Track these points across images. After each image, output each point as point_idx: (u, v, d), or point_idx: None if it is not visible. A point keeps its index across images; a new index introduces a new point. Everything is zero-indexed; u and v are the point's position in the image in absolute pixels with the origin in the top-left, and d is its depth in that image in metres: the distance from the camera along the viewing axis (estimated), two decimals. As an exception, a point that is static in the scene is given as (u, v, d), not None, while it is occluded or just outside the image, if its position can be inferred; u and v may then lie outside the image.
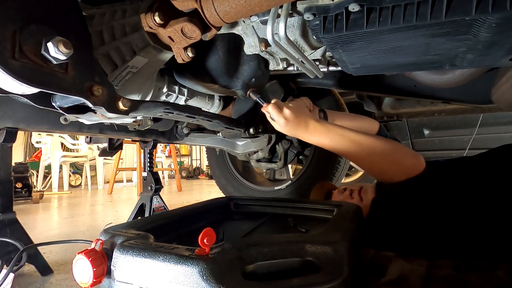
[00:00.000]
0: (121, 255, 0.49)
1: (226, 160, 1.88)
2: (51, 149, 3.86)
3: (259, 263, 0.46)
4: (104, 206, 2.78)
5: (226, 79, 0.83)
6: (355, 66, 0.74)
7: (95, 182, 4.48)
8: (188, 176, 6.80)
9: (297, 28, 0.68)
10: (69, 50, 0.45)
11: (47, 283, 0.93)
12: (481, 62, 0.66)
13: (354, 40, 0.59)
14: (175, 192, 3.85)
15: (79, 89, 0.51)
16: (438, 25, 0.50)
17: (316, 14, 0.56)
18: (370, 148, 0.80)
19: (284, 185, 1.67)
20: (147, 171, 1.35)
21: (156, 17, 0.55)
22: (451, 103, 1.04)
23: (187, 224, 0.78)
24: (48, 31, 0.46)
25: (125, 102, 0.57)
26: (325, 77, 1.11)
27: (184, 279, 0.42)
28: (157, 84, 0.86)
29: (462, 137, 2.19)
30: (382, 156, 0.79)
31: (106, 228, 0.62)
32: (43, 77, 0.45)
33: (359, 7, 0.52)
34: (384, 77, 1.09)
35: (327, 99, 1.49)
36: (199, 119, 0.80)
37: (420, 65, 0.72)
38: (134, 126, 1.02)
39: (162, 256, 0.45)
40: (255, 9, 0.50)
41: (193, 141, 1.45)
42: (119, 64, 0.62)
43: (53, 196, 3.57)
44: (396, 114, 1.55)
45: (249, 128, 1.05)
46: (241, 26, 0.70)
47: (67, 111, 0.59)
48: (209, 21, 0.54)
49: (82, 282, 0.51)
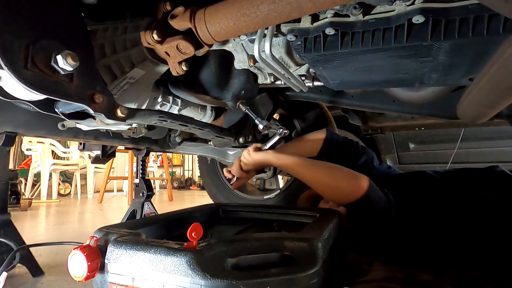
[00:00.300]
0: (115, 249, 0.53)
1: (217, 169, 1.92)
2: (41, 156, 3.83)
3: (242, 257, 0.51)
4: (94, 214, 2.77)
5: (217, 91, 0.89)
6: (335, 82, 0.82)
7: (85, 191, 4.43)
8: (179, 186, 6.76)
9: (282, 47, 0.75)
10: (76, 62, 0.50)
11: (38, 283, 0.94)
12: (446, 81, 0.74)
13: (332, 59, 0.66)
14: (166, 201, 3.84)
15: (82, 96, 0.56)
16: (402, 48, 0.58)
17: (298, 36, 0.63)
18: (311, 175, 0.89)
19: (273, 195, 1.72)
20: (139, 178, 1.38)
21: (154, 35, 0.61)
22: (428, 117, 1.12)
23: (177, 227, 0.82)
24: (57, 45, 0.51)
25: (123, 110, 0.62)
26: (312, 91, 1.19)
27: (173, 268, 0.46)
28: (153, 94, 0.91)
29: (446, 151, 2.28)
30: (322, 183, 0.87)
31: (100, 227, 0.66)
32: (51, 85, 0.50)
33: (334, 31, 0.59)
34: (366, 92, 1.17)
35: (314, 111, 1.57)
36: (191, 127, 0.85)
37: (393, 83, 0.79)
38: (128, 134, 1.07)
39: (153, 249, 0.50)
40: (243, 30, 0.56)
41: (186, 149, 1.50)
42: (118, 75, 0.68)
43: (41, 204, 3.52)
44: (379, 127, 1.63)
45: (239, 138, 1.11)
46: (232, 44, 0.76)
47: (68, 116, 0.64)
48: (202, 39, 0.61)
49: (76, 276, 0.55)
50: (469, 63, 0.61)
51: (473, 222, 0.79)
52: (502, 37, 0.48)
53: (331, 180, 0.85)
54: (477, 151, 2.20)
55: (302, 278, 0.47)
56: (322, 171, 0.88)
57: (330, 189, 0.86)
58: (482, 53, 0.55)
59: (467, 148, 2.17)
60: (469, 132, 2.07)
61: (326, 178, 0.86)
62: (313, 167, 0.90)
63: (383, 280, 0.69)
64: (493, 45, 0.51)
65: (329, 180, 0.85)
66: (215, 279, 0.44)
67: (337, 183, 0.84)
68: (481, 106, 0.64)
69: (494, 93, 0.56)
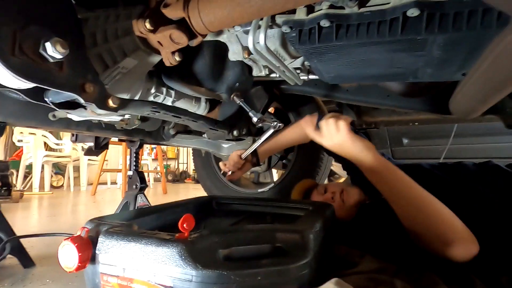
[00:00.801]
0: (106, 240, 0.53)
1: (211, 162, 1.92)
2: (33, 148, 3.78)
3: (234, 248, 0.51)
4: (87, 206, 2.75)
5: (211, 83, 0.88)
6: (330, 75, 0.81)
7: (78, 184, 4.40)
8: (174, 179, 6.75)
9: (277, 39, 0.74)
10: (65, 50, 0.49)
11: (29, 274, 0.94)
12: (439, 76, 0.74)
13: (326, 51, 0.65)
14: (160, 194, 3.83)
15: (72, 86, 0.55)
16: (396, 41, 0.57)
17: (293, 27, 0.63)
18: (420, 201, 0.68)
19: (267, 188, 1.73)
20: (132, 170, 1.37)
21: (147, 24, 0.60)
22: (421, 112, 1.13)
23: (169, 218, 0.81)
24: (46, 32, 0.50)
25: (114, 100, 0.62)
26: (307, 84, 1.18)
27: (165, 259, 0.46)
28: (146, 85, 0.90)
29: (438, 147, 2.31)
30: (427, 217, 0.67)
31: (91, 218, 0.65)
32: (39, 73, 0.49)
33: (329, 23, 0.58)
34: (361, 87, 1.17)
35: (310, 106, 1.57)
36: (184, 119, 0.85)
37: (387, 77, 0.79)
38: (121, 125, 1.06)
39: (144, 240, 0.50)
40: (237, 20, 0.55)
41: (180, 142, 1.49)
42: (110, 64, 0.67)
43: (33, 196, 3.49)
44: (373, 122, 1.64)
45: (233, 130, 1.11)
46: (226, 35, 0.75)
47: (58, 106, 0.63)
48: (195, 29, 0.60)
49: (67, 267, 0.55)
50: (462, 58, 0.61)
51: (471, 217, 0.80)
52: (495, 32, 0.48)
53: (446, 228, 0.65)
54: (469, 147, 2.23)
55: (293, 269, 0.47)
56: (432, 208, 0.67)
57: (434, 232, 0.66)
58: (475, 48, 0.56)
59: (459, 144, 2.20)
60: (461, 128, 2.10)
61: (432, 219, 0.66)
62: (417, 192, 0.69)
63: (373, 272, 0.70)
64: (486, 40, 0.51)
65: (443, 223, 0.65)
66: (206, 269, 0.44)
67: (451, 236, 0.64)
68: (473, 100, 0.65)
69: (486, 88, 0.56)
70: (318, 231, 0.58)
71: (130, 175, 1.38)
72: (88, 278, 0.57)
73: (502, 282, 0.66)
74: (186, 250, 0.46)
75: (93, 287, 0.56)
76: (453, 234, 0.64)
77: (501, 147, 2.09)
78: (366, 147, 0.77)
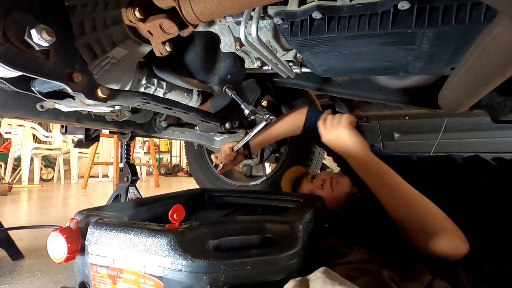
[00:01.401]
0: (95, 231, 0.53)
1: (204, 155, 1.92)
2: (21, 140, 3.70)
3: (223, 238, 0.51)
4: (78, 199, 2.73)
5: (203, 74, 0.88)
6: (322, 68, 0.82)
7: (68, 177, 4.34)
8: (166, 173, 6.72)
9: (269, 30, 0.74)
10: (52, 37, 0.48)
11: (18, 267, 0.93)
12: (429, 70, 0.75)
13: (318, 44, 0.65)
14: (153, 187, 3.82)
15: (59, 75, 0.54)
16: (387, 35, 0.58)
17: (285, 19, 0.62)
18: (412, 200, 0.69)
19: (260, 181, 1.74)
20: (123, 162, 1.36)
21: (136, 12, 0.59)
22: (412, 107, 1.14)
23: (160, 211, 0.81)
24: (32, 19, 0.49)
25: (103, 90, 0.61)
26: (300, 78, 1.18)
27: (155, 249, 0.46)
28: (136, 76, 0.89)
29: (428, 141, 2.35)
30: (416, 215, 0.68)
31: (81, 210, 0.65)
32: (25, 61, 0.48)
33: (321, 15, 0.58)
34: (353, 80, 1.17)
35: (302, 99, 1.57)
36: (176, 111, 0.84)
37: (378, 70, 0.80)
38: (112, 117, 1.04)
39: (134, 230, 0.50)
40: (228, 11, 0.55)
41: (172, 135, 1.48)
42: (99, 54, 0.65)
43: (22, 189, 3.43)
44: (365, 116, 1.65)
45: (225, 123, 1.11)
46: (218, 25, 0.75)
47: (45, 96, 0.62)
48: (186, 19, 0.59)
49: (56, 258, 0.54)
50: (451, 52, 0.62)
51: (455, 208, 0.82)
52: (482, 26, 0.48)
53: (437, 222, 0.66)
54: (458, 141, 2.28)
55: (281, 259, 0.48)
56: (430, 204, 0.68)
57: (423, 228, 0.66)
58: (463, 42, 0.56)
59: (449, 138, 2.24)
60: (451, 123, 2.14)
61: (430, 214, 0.67)
62: (407, 190, 0.71)
63: (362, 262, 0.72)
64: (474, 34, 0.51)
65: (432, 219, 0.66)
66: (196, 259, 0.44)
67: (440, 232, 0.64)
68: (460, 95, 0.66)
69: (473, 82, 0.57)
70: (308, 222, 0.59)
71: (121, 167, 1.37)
72: (77, 269, 0.57)
73: (485, 272, 0.68)
74: (176, 240, 0.46)
75: (83, 278, 0.56)
76: (439, 228, 0.65)
77: (489, 142, 2.14)
78: (361, 143, 0.80)
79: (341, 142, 0.82)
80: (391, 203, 0.73)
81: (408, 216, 0.69)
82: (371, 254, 0.77)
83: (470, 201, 0.81)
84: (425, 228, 0.66)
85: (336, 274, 0.47)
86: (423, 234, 0.66)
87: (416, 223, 0.68)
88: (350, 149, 0.80)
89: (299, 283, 0.44)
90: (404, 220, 0.70)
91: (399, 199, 0.71)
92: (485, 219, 0.78)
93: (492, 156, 0.94)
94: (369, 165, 0.77)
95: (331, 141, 0.85)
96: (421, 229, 0.67)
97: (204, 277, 0.44)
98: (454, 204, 0.76)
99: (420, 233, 0.67)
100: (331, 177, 1.08)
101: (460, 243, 0.64)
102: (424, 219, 0.67)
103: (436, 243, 0.64)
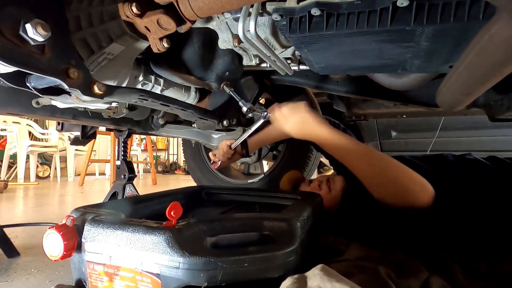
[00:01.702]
0: (92, 228, 0.53)
1: (201, 153, 1.91)
2: (17, 137, 3.67)
3: (221, 236, 0.51)
4: (74, 197, 2.71)
5: (201, 71, 0.87)
6: (320, 66, 0.81)
7: (65, 174, 4.32)
8: (164, 170, 6.71)
9: (267, 27, 0.73)
10: (47, 32, 0.48)
11: (13, 264, 0.92)
12: (427, 68, 0.75)
13: (317, 41, 0.65)
14: (150, 185, 3.81)
15: (55, 70, 0.53)
16: (386, 32, 0.58)
17: (283, 15, 0.62)
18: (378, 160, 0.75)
19: (257, 179, 1.74)
20: (121, 160, 1.35)
21: (133, 7, 0.58)
22: (410, 105, 1.15)
23: (157, 208, 0.81)
24: (27, 13, 0.48)
25: (100, 86, 0.60)
26: (298, 75, 1.18)
27: (152, 246, 0.46)
28: (133, 73, 0.88)
29: (425, 140, 2.36)
30: (386, 173, 0.74)
31: (77, 207, 0.64)
32: (20, 56, 0.47)
33: (320, 11, 0.58)
34: (351, 78, 1.17)
35: (300, 97, 1.57)
36: (173, 108, 0.83)
37: (376, 68, 0.80)
38: (108, 114, 1.03)
39: (131, 228, 0.49)
40: (226, 6, 0.54)
41: (169, 132, 1.47)
42: (95, 49, 0.65)
43: (18, 186, 3.41)
44: (363, 114, 1.65)
45: (223, 120, 1.10)
46: (216, 22, 0.74)
47: (41, 92, 0.61)
48: (184, 14, 0.58)
49: (52, 255, 0.54)
50: (449, 50, 0.62)
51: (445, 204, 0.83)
52: (481, 24, 0.48)
53: (403, 175, 0.72)
54: (455, 140, 2.29)
55: (279, 256, 0.48)
56: (392, 160, 0.74)
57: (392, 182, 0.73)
58: (462, 39, 0.56)
59: (446, 137, 2.25)
60: (448, 122, 2.14)
61: (396, 170, 0.73)
62: (374, 154, 0.76)
63: (358, 259, 0.72)
64: (473, 32, 0.51)
65: (398, 174, 0.72)
66: (193, 256, 0.44)
67: (407, 183, 0.71)
68: (458, 93, 0.66)
69: (471, 80, 0.57)
70: (305, 220, 0.59)
71: (118, 164, 1.36)
72: (74, 267, 0.57)
73: (480, 268, 0.69)
74: (173, 238, 0.46)
75: (80, 275, 0.56)
76: (409, 180, 0.72)
77: (486, 140, 2.15)
78: (324, 122, 0.81)
79: (308, 127, 0.81)
80: (363, 170, 0.77)
81: (380, 177, 0.75)
82: (368, 251, 0.78)
83: (460, 196, 0.82)
84: (398, 184, 0.72)
85: (333, 271, 0.47)
86: (397, 190, 0.72)
87: (389, 181, 0.73)
88: (320, 130, 0.80)
89: (296, 280, 0.44)
90: (378, 182, 0.75)
91: (369, 163, 0.76)
92: (476, 215, 0.79)
93: (490, 155, 0.95)
94: (335, 140, 0.79)
95: (295, 129, 0.83)
96: (395, 185, 0.73)
97: (202, 274, 0.44)
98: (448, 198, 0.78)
99: (395, 189, 0.73)
100: (328, 178, 1.10)
101: (427, 186, 0.71)
102: (395, 176, 0.73)
103: (410, 195, 0.71)
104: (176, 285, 0.45)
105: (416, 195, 0.71)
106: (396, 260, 0.73)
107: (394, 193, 0.73)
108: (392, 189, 0.73)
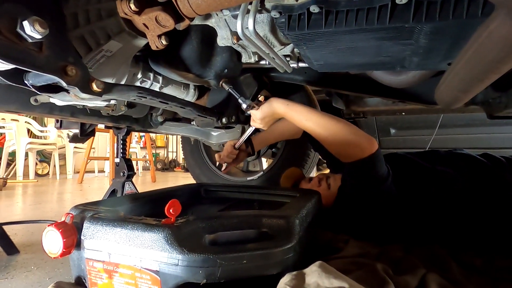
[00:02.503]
0: (91, 225, 0.53)
1: (200, 150, 1.91)
2: (16, 135, 3.66)
3: (220, 233, 0.52)
4: (73, 194, 2.71)
5: (199, 69, 0.87)
6: (319, 63, 0.81)
7: (64, 172, 4.31)
8: (163, 168, 6.70)
9: (266, 24, 0.73)
10: (45, 29, 0.47)
11: (13, 261, 0.93)
12: (425, 66, 0.75)
13: (315, 38, 0.65)
14: (149, 183, 3.81)
15: (53, 68, 0.53)
16: (384, 29, 0.57)
17: (282, 13, 0.62)
18: (328, 126, 0.88)
19: (256, 176, 1.74)
20: (119, 157, 1.35)
21: (131, 4, 0.58)
22: (408, 102, 1.15)
23: (156, 205, 0.81)
24: (24, 10, 0.48)
25: (98, 84, 0.60)
26: (296, 73, 1.18)
27: (151, 244, 0.46)
28: (132, 70, 0.88)
29: (424, 137, 2.36)
30: (334, 135, 0.87)
31: (76, 205, 0.64)
32: (17, 54, 0.47)
33: (318, 9, 0.58)
34: (350, 76, 1.17)
35: (299, 94, 1.56)
36: (172, 105, 0.83)
37: (375, 65, 0.80)
38: (107, 111, 1.03)
39: (130, 225, 0.50)
40: (225, 3, 0.54)
41: (168, 130, 1.47)
42: (93, 47, 0.64)
43: (17, 184, 3.40)
44: (362, 111, 1.66)
45: (222, 118, 1.10)
46: (215, 19, 0.74)
47: (39, 89, 0.61)
48: (182, 11, 0.58)
49: (52, 253, 0.54)
50: (448, 47, 0.62)
51: (438, 200, 0.84)
52: (479, 21, 0.48)
53: (345, 133, 0.86)
54: (454, 137, 2.30)
55: (277, 253, 0.48)
56: (336, 123, 0.88)
57: (340, 142, 0.86)
58: (460, 37, 0.56)
59: (444, 134, 2.26)
60: (446, 119, 2.15)
61: (340, 131, 0.87)
62: (326, 117, 0.90)
63: (356, 256, 0.73)
64: (471, 29, 0.51)
65: (342, 133, 0.86)
66: (192, 253, 0.45)
67: (349, 137, 0.85)
68: (457, 90, 0.66)
69: (469, 77, 0.57)
70: (304, 217, 0.59)
71: (118, 162, 1.36)
72: (73, 264, 0.57)
73: (476, 264, 0.70)
74: (172, 235, 0.46)
75: (79, 273, 0.56)
76: (356, 135, 0.86)
77: (484, 137, 2.16)
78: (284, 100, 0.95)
79: (275, 106, 0.95)
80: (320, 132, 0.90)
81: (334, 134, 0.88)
82: (365, 247, 0.78)
83: (450, 188, 0.84)
84: (348, 139, 0.85)
85: (331, 268, 0.48)
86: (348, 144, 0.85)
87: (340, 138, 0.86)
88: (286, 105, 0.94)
89: (295, 276, 0.44)
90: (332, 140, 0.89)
91: (324, 126, 0.89)
92: (467, 209, 0.81)
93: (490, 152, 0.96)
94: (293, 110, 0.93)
95: (265, 111, 0.96)
96: (345, 141, 0.86)
97: (201, 271, 0.44)
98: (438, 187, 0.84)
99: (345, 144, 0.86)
100: (327, 176, 1.11)
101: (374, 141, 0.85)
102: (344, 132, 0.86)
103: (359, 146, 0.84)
104: (175, 282, 0.45)
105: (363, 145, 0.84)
106: (394, 256, 0.74)
107: (345, 147, 0.87)
108: (345, 145, 0.87)
